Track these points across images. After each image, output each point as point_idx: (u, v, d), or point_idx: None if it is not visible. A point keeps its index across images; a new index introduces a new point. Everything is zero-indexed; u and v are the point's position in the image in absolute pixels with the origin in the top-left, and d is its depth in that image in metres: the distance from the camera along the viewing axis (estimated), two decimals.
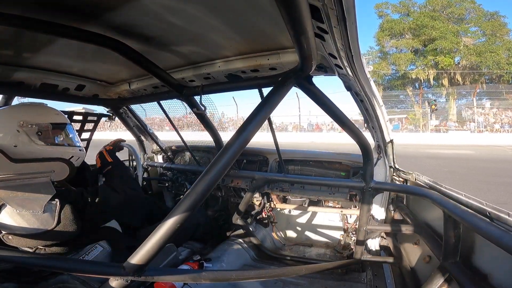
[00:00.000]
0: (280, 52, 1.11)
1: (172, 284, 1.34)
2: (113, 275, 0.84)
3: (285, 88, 0.96)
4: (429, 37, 19.65)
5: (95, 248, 1.30)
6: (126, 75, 1.63)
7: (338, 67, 1.01)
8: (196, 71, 1.35)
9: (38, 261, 0.87)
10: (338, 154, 2.16)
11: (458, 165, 8.38)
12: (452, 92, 19.22)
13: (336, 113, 1.16)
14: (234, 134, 0.88)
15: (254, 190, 2.00)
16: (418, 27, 19.95)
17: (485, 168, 7.79)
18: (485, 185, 5.92)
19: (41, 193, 1.10)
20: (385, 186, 1.75)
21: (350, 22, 0.67)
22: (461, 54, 19.29)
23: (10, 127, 1.15)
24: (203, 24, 0.95)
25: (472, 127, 16.80)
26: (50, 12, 0.87)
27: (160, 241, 0.82)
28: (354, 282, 1.78)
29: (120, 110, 2.17)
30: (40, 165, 1.16)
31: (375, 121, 1.58)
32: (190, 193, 0.82)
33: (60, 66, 1.42)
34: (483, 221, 0.90)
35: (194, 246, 1.95)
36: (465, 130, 16.79)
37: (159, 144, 2.58)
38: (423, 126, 18.01)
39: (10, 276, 1.10)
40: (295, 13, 0.58)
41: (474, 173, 7.26)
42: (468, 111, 18.39)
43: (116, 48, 1.03)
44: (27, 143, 1.17)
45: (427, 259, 1.42)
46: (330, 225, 2.44)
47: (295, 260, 2.11)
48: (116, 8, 0.86)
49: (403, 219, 1.79)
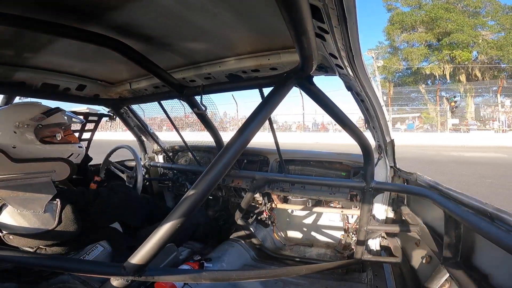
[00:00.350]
0: (281, 52, 1.11)
1: (172, 284, 1.34)
2: (113, 275, 0.84)
3: (286, 88, 0.96)
4: (444, 30, 18.32)
5: (95, 248, 1.30)
6: (127, 75, 1.63)
7: (338, 67, 1.01)
8: (196, 71, 1.35)
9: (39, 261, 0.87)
10: (339, 154, 2.16)
11: (497, 173, 6.47)
12: (470, 89, 17.66)
13: (337, 113, 1.16)
14: (234, 134, 0.88)
15: (254, 190, 2.00)
16: (432, 20, 18.57)
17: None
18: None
19: (42, 193, 1.10)
20: (386, 186, 1.75)
21: (350, 22, 0.67)
22: (480, 48, 17.97)
23: (7, 129, 1.15)
24: (204, 24, 0.95)
25: (496, 126, 15.20)
26: (51, 12, 0.87)
27: (160, 241, 0.82)
28: (355, 282, 1.78)
29: (121, 110, 2.17)
30: (41, 165, 1.16)
31: (376, 121, 1.58)
32: (191, 193, 0.82)
33: (61, 66, 1.43)
34: (484, 221, 0.90)
35: (195, 246, 1.96)
36: (488, 130, 15.27)
37: (159, 144, 2.58)
38: (441, 125, 16.57)
39: (11, 276, 1.11)
40: (295, 13, 0.58)
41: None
42: (487, 109, 16.94)
43: (117, 48, 1.03)
44: (25, 143, 1.17)
45: (427, 259, 1.42)
46: (330, 225, 2.44)
47: (295, 260, 2.11)
48: (117, 8, 0.86)
49: (403, 219, 1.79)
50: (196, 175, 2.30)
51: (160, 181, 2.62)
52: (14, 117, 1.17)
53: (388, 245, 2.02)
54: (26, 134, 1.17)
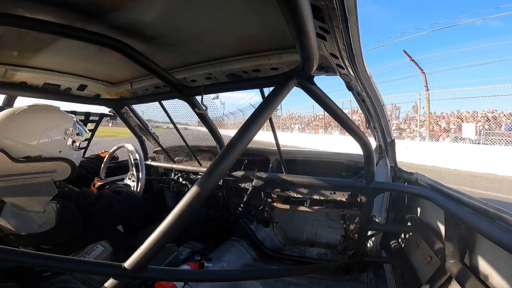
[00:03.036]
0: (282, 52, 1.11)
1: (173, 284, 1.34)
2: (114, 275, 0.84)
3: (287, 88, 0.96)
4: None
5: (96, 248, 1.30)
6: (128, 75, 1.63)
7: (339, 67, 1.01)
8: (197, 71, 1.35)
9: (39, 261, 0.87)
10: (339, 154, 2.16)
11: None
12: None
13: (338, 113, 1.16)
14: (235, 134, 0.88)
15: (255, 190, 2.00)
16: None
17: None
18: None
19: (42, 193, 1.10)
20: (387, 186, 1.75)
21: (351, 22, 0.67)
22: None
23: (57, 133, 1.22)
24: (205, 23, 0.95)
25: None
26: (52, 12, 0.87)
27: (161, 241, 0.82)
28: (355, 282, 1.78)
29: (122, 110, 2.17)
30: (42, 164, 1.16)
31: (377, 121, 1.58)
32: (191, 193, 0.82)
33: (62, 66, 1.43)
34: (485, 221, 0.90)
35: (195, 246, 1.96)
36: None
37: (160, 144, 2.59)
38: None
39: (11, 276, 1.11)
40: (296, 13, 0.58)
41: None
42: None
43: (118, 48, 1.03)
44: (69, 149, 1.27)
45: (428, 259, 1.42)
46: (331, 225, 2.44)
47: (296, 260, 2.11)
48: (118, 8, 0.86)
49: (404, 219, 1.79)
50: (197, 175, 2.30)
51: (161, 181, 2.63)
52: (62, 123, 1.26)
53: (388, 245, 2.02)
54: (71, 139, 1.27)
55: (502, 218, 0.87)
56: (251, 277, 1.41)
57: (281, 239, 2.43)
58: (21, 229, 1.06)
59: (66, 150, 1.25)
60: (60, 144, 1.22)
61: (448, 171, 8.24)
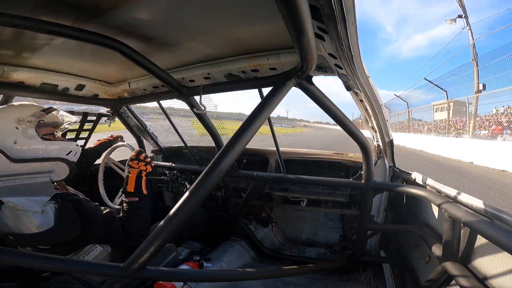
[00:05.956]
0: (280, 52, 1.11)
1: (172, 284, 1.34)
2: (113, 275, 0.84)
3: (285, 88, 0.97)
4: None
5: (95, 248, 1.29)
6: (126, 75, 1.63)
7: (338, 67, 1.01)
8: (196, 71, 1.35)
9: (39, 261, 0.87)
10: (338, 154, 2.17)
11: None
12: None
13: (336, 113, 1.16)
14: (234, 134, 0.88)
15: (254, 190, 2.00)
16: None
17: None
18: None
19: (41, 193, 1.10)
20: (385, 186, 1.75)
21: (350, 22, 0.67)
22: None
23: (9, 124, 1.14)
24: (203, 23, 0.95)
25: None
26: (50, 12, 0.87)
27: (160, 241, 0.82)
28: (354, 282, 1.78)
29: (120, 110, 2.17)
30: (40, 165, 1.16)
31: (375, 121, 1.58)
32: (190, 193, 0.82)
33: (60, 66, 1.42)
34: (483, 221, 0.90)
35: (194, 246, 1.96)
36: None
37: (158, 144, 2.58)
38: None
39: (10, 276, 1.10)
40: (295, 13, 0.58)
41: None
42: None
43: (116, 48, 1.03)
44: (27, 139, 1.17)
45: (426, 259, 1.42)
46: (330, 225, 2.44)
47: (295, 260, 2.11)
48: (116, 8, 0.86)
49: (402, 219, 1.79)
50: (196, 175, 2.30)
51: (160, 181, 2.62)
52: (15, 114, 1.17)
53: (387, 245, 2.02)
54: (28, 130, 1.17)
55: (501, 218, 0.87)
56: (251, 277, 1.41)
57: (280, 239, 2.43)
58: (19, 229, 1.06)
59: (22, 140, 1.15)
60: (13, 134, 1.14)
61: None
